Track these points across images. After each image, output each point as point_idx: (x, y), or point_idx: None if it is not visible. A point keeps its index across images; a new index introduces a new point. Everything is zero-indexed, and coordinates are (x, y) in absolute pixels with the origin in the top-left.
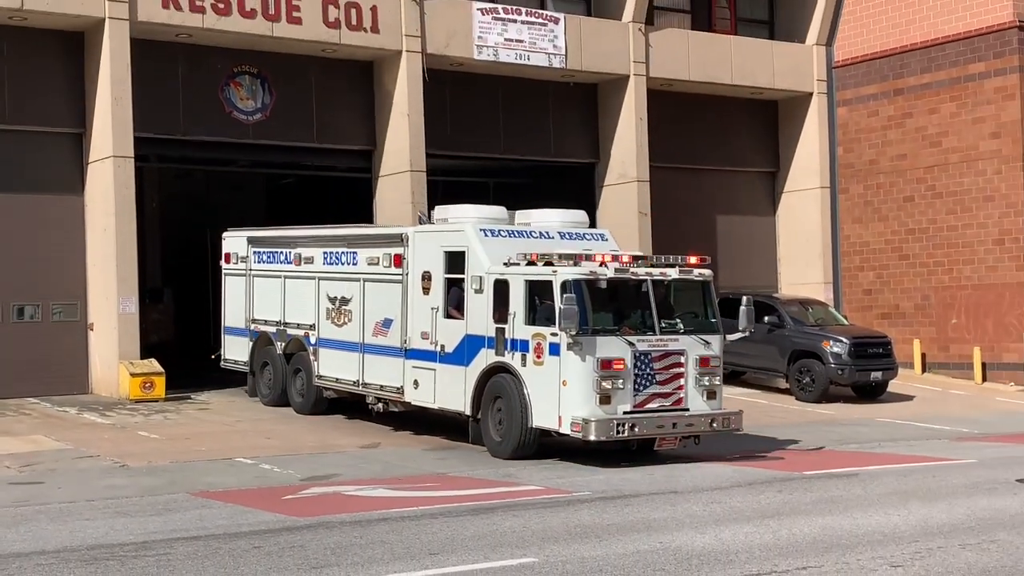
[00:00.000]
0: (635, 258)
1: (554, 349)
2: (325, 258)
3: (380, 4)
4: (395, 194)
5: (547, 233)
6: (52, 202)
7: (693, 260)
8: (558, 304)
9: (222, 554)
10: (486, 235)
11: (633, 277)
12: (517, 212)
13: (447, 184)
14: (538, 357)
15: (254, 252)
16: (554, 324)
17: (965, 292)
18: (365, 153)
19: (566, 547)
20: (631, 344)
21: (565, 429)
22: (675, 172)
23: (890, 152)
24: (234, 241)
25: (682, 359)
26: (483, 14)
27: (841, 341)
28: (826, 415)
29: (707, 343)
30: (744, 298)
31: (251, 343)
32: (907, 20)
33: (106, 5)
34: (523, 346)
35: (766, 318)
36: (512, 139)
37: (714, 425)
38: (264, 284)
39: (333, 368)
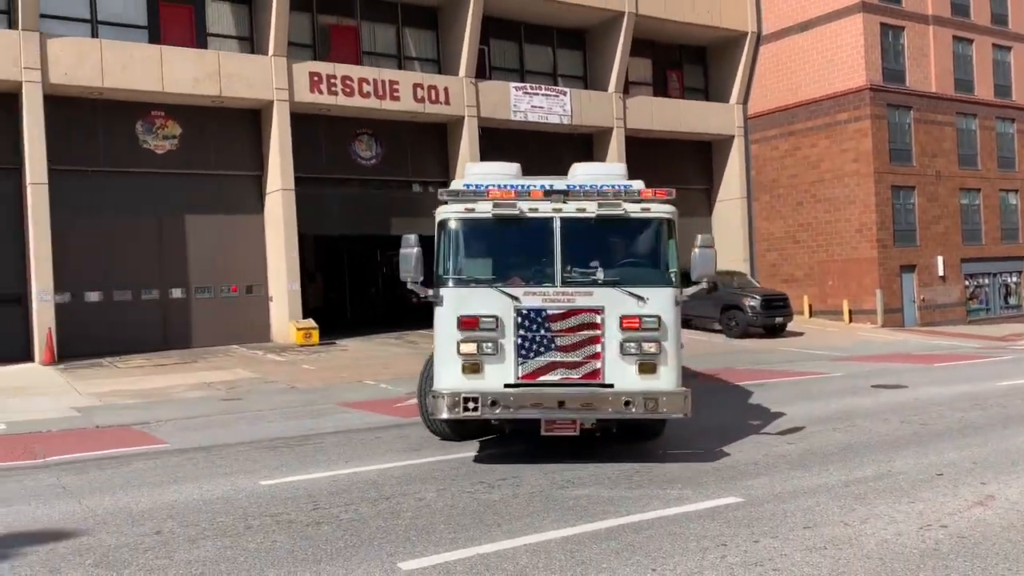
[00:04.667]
0: (548, 192)
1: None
2: None
3: (451, 85)
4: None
5: (551, 186)
6: (244, 220)
7: (648, 191)
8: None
9: (355, 443)
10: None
11: (531, 214)
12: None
13: None
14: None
15: None
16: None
17: (837, 264)
18: (443, 182)
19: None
20: (513, 298)
21: None
22: None
23: (786, 173)
24: None
25: (597, 319)
26: (516, 90)
27: (755, 297)
28: (745, 347)
29: (641, 299)
30: (699, 237)
31: None
32: (796, 86)
33: (274, 91)
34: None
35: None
36: (537, 172)
37: (632, 408)
38: None
39: None
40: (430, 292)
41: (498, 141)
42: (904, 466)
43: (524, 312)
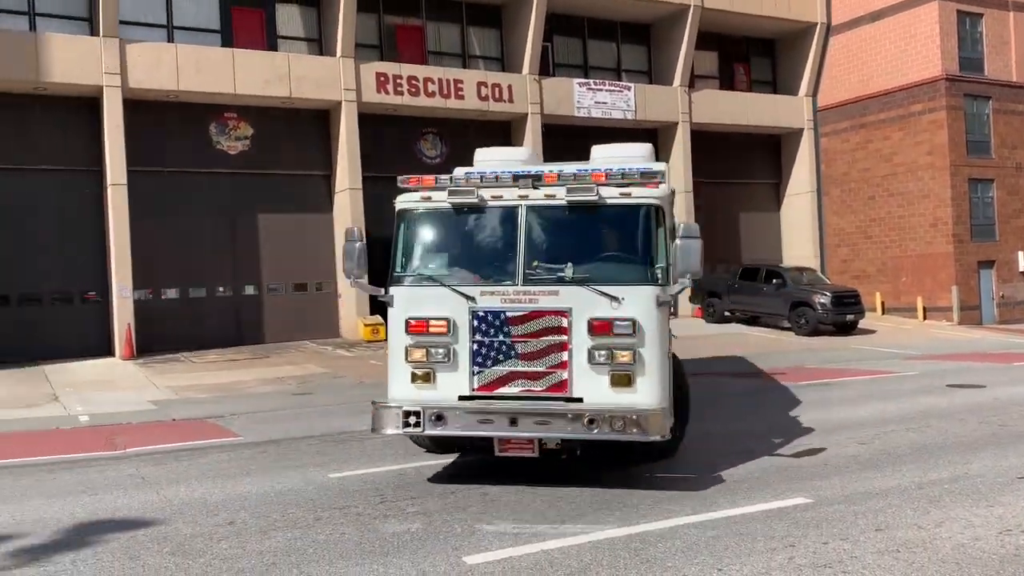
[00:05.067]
0: (517, 177)
1: None
2: None
3: (514, 83)
4: None
5: (525, 172)
6: (313, 219)
7: (633, 174)
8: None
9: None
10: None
11: (494, 203)
12: None
13: None
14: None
15: None
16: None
17: (911, 260)
18: None
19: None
20: (468, 298)
21: None
22: (710, 185)
23: (857, 167)
24: None
25: (564, 322)
26: (580, 86)
27: (826, 294)
28: (815, 344)
29: (615, 299)
30: (681, 225)
31: None
32: (868, 77)
33: (342, 92)
34: None
35: (774, 280)
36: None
37: (596, 427)
38: None
39: None
40: (382, 292)
41: (561, 138)
42: (982, 468)
43: (480, 314)
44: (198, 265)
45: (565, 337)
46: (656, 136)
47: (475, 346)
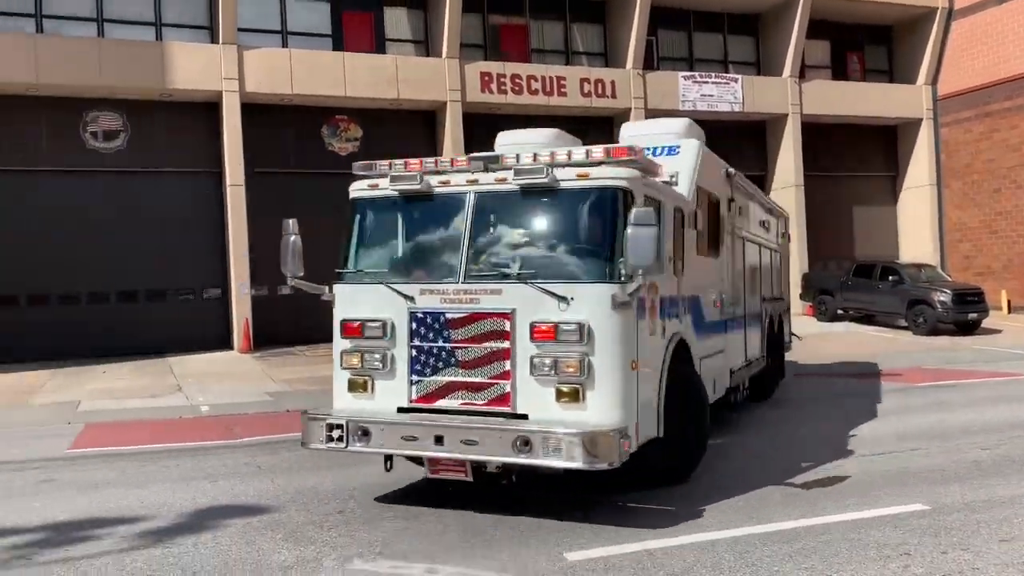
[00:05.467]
0: (473, 160)
1: None
2: None
3: (617, 78)
4: None
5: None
6: None
7: (597, 152)
8: None
9: None
10: None
11: (441, 189)
12: None
13: None
14: None
15: None
16: None
17: None
18: None
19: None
20: (407, 298)
21: None
22: (821, 178)
23: (981, 158)
24: None
25: (506, 326)
26: (685, 79)
27: (946, 292)
28: (934, 344)
29: (563, 299)
30: (633, 211)
31: None
32: (993, 63)
33: (447, 92)
34: None
35: (891, 277)
36: None
37: (530, 449)
38: None
39: None
40: (325, 291)
41: None
42: None
43: (419, 316)
44: (312, 262)
45: (507, 343)
46: (764, 129)
47: (414, 352)
